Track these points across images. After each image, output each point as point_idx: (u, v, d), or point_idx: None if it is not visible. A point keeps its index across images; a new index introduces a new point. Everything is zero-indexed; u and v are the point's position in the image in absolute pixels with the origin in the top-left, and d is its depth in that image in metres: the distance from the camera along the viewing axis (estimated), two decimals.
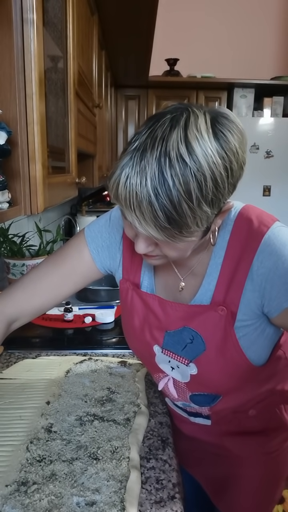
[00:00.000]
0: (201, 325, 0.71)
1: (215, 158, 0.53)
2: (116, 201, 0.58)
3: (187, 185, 0.52)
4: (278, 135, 3.25)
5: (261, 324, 0.70)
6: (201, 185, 0.52)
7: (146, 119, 0.58)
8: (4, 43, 0.74)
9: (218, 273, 0.69)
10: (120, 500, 0.64)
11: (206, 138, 0.53)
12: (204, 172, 0.52)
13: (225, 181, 0.55)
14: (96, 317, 1.41)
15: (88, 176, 1.97)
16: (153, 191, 0.52)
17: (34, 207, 0.83)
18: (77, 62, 1.27)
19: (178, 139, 0.52)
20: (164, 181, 0.51)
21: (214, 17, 3.49)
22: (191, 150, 0.52)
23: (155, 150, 0.52)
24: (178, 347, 0.75)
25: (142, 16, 1.80)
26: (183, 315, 0.72)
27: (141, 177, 0.52)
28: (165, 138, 0.52)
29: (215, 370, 0.73)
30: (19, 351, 1.20)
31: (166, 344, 0.77)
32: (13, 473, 0.70)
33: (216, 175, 0.53)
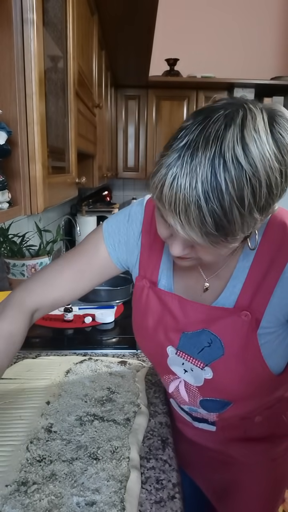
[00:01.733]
0: (222, 329, 0.67)
1: (272, 162, 0.49)
2: (159, 202, 0.53)
3: (241, 191, 0.48)
4: None
5: (283, 332, 0.67)
6: (255, 191, 0.48)
7: (193, 113, 0.53)
8: (4, 43, 0.74)
9: (245, 277, 0.65)
10: (120, 500, 0.64)
11: (264, 139, 0.48)
12: (260, 177, 0.48)
13: (279, 187, 0.51)
14: (96, 317, 1.41)
15: (88, 176, 1.97)
16: (204, 194, 0.47)
17: (34, 207, 0.83)
18: (77, 62, 1.27)
19: (234, 139, 0.47)
20: (217, 185, 0.47)
21: (214, 17, 3.49)
22: (248, 152, 0.47)
23: (209, 150, 0.47)
24: (194, 350, 0.72)
25: (142, 16, 1.80)
26: (204, 317, 0.69)
27: (191, 178, 0.48)
28: (220, 137, 0.47)
29: (232, 376, 0.70)
30: (19, 351, 1.20)
31: (181, 346, 0.73)
32: (13, 473, 0.70)
33: (272, 180, 0.49)
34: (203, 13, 3.48)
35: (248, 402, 0.77)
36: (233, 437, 0.86)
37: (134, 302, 0.82)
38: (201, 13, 3.48)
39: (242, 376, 0.69)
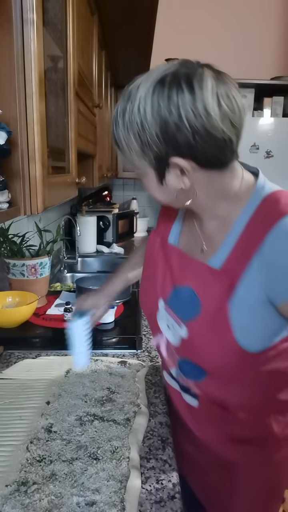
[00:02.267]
0: (202, 287, 0.71)
1: (137, 102, 0.61)
2: None
3: (121, 110, 0.65)
4: (278, 135, 3.25)
5: (261, 311, 0.67)
6: (124, 115, 0.64)
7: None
8: (4, 43, 0.74)
9: (233, 244, 0.69)
10: (120, 500, 0.64)
11: (147, 85, 0.62)
12: (127, 104, 0.63)
13: (152, 134, 0.61)
14: None
15: (88, 176, 1.97)
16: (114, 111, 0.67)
17: (34, 207, 0.83)
18: (77, 62, 1.27)
19: (137, 83, 0.64)
20: (118, 104, 0.66)
21: (214, 17, 3.49)
22: (135, 87, 0.63)
23: (128, 87, 0.66)
24: (177, 306, 0.77)
25: (142, 16, 1.80)
26: (193, 273, 0.74)
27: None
28: (135, 83, 0.64)
29: (203, 339, 0.72)
30: (19, 351, 1.20)
31: (170, 300, 0.79)
32: (13, 473, 0.70)
33: (132, 116, 0.62)
34: (203, 13, 3.48)
35: (223, 380, 0.77)
36: (217, 432, 0.85)
37: (146, 255, 0.89)
38: (201, 13, 3.48)
39: (210, 340, 0.71)
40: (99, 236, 2.88)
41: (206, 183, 0.67)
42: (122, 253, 2.76)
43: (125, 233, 3.19)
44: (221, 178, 0.68)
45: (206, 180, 0.67)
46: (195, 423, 0.88)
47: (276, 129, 3.24)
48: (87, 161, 1.94)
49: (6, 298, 1.41)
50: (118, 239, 3.04)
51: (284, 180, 3.69)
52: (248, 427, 0.83)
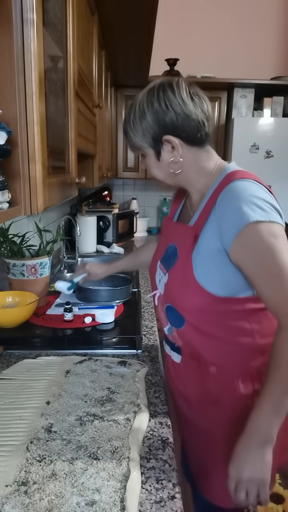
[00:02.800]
0: (181, 241, 0.92)
1: (138, 103, 0.88)
2: None
3: (127, 113, 0.91)
4: (278, 135, 3.25)
5: (217, 257, 0.84)
6: (130, 115, 0.90)
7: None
8: (4, 43, 0.74)
9: (203, 207, 0.90)
10: (120, 500, 0.64)
11: (144, 91, 0.89)
12: (131, 108, 0.91)
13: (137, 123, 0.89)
14: (96, 317, 1.41)
15: (88, 176, 1.97)
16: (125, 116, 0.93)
17: (34, 207, 0.83)
18: (77, 62, 1.27)
19: (137, 95, 0.91)
20: (126, 116, 0.93)
21: (214, 17, 3.49)
22: (137, 96, 0.90)
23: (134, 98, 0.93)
24: (165, 260, 0.98)
25: (142, 16, 1.80)
26: (178, 233, 0.95)
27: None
28: (137, 95, 0.91)
29: (176, 281, 0.91)
30: (19, 351, 1.20)
31: (163, 258, 1.00)
32: (13, 473, 0.70)
33: (135, 113, 0.89)
34: (203, 13, 3.48)
35: (197, 327, 0.90)
36: (193, 386, 0.97)
37: (160, 234, 1.12)
38: (201, 13, 3.48)
39: (181, 282, 0.89)
40: (99, 236, 2.88)
41: (190, 159, 0.90)
42: (122, 253, 2.76)
43: (125, 233, 3.19)
44: (200, 156, 0.91)
45: (190, 156, 0.90)
46: (177, 379, 1.04)
47: (276, 129, 3.24)
48: (87, 161, 1.94)
49: (6, 298, 1.41)
50: (118, 239, 3.04)
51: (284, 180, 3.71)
52: (219, 383, 0.93)
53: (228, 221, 0.81)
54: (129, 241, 3.27)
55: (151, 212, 3.91)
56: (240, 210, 0.79)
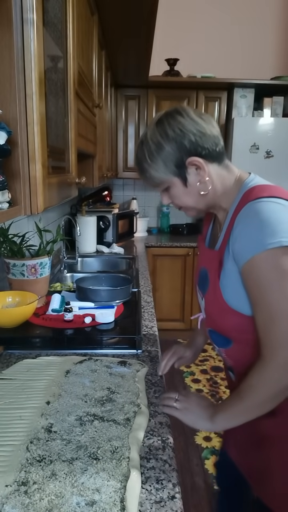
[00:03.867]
0: (209, 266, 0.91)
1: (149, 139, 0.88)
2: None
3: (141, 153, 0.90)
4: (278, 135, 3.25)
5: (239, 278, 0.83)
6: (144, 152, 0.89)
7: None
8: (4, 43, 0.74)
9: (226, 228, 0.88)
10: (120, 500, 0.64)
11: (151, 127, 0.89)
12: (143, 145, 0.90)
13: (157, 153, 0.87)
14: (96, 317, 1.41)
15: (88, 176, 1.97)
16: (135, 160, 0.97)
17: (34, 207, 0.83)
18: (77, 62, 1.27)
19: (143, 134, 0.91)
20: (136, 153, 0.93)
21: (214, 17, 3.49)
22: (144, 134, 0.90)
23: (139, 140, 0.92)
24: (200, 284, 0.98)
25: (142, 16, 1.80)
26: (206, 257, 0.95)
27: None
28: (142, 135, 0.91)
29: (211, 305, 0.91)
30: (19, 351, 1.20)
31: (199, 282, 1.00)
32: (13, 473, 0.70)
33: (150, 148, 0.88)
34: (203, 13, 3.48)
35: (243, 343, 0.88)
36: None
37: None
38: (201, 13, 3.48)
39: (215, 308, 0.89)
40: (99, 236, 2.88)
41: (214, 176, 0.89)
42: (122, 253, 2.76)
43: (125, 233, 3.19)
44: (221, 171, 0.90)
45: (213, 173, 0.89)
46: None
47: (276, 129, 3.25)
48: (87, 161, 1.94)
49: (6, 298, 1.41)
50: (118, 239, 3.04)
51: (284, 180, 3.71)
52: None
53: (239, 249, 0.80)
54: (129, 241, 3.27)
55: (151, 212, 3.91)
56: (248, 240, 0.78)
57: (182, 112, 0.88)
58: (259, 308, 0.78)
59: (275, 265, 0.75)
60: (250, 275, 0.78)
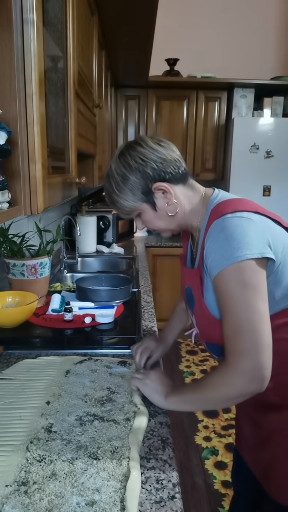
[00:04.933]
0: (193, 284, 0.94)
1: (114, 171, 0.92)
2: None
3: (108, 185, 0.95)
4: (278, 135, 3.25)
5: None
6: (112, 185, 0.93)
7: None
8: (4, 43, 0.74)
9: (200, 247, 0.91)
10: (120, 500, 0.64)
11: (114, 160, 0.94)
12: (110, 178, 0.94)
13: (123, 184, 0.92)
14: (96, 317, 1.41)
15: (88, 176, 1.97)
16: (104, 192, 0.98)
17: (34, 207, 0.83)
18: (77, 62, 1.27)
19: (108, 167, 0.96)
20: (104, 186, 0.97)
21: (214, 17, 3.49)
22: (109, 167, 0.95)
23: (105, 173, 0.97)
24: (188, 302, 1.01)
25: (142, 16, 1.81)
26: (188, 276, 0.98)
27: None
28: (107, 168, 0.96)
29: (201, 321, 0.94)
30: (19, 351, 1.20)
31: (186, 299, 1.03)
32: (13, 473, 0.70)
33: (116, 180, 0.92)
34: (203, 13, 3.48)
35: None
36: (251, 400, 0.90)
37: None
38: (201, 13, 3.48)
39: (205, 323, 0.92)
40: (99, 236, 2.88)
41: (180, 197, 0.94)
42: (122, 253, 2.76)
43: (125, 233, 3.19)
44: (186, 191, 0.95)
45: (179, 194, 0.94)
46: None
47: (276, 129, 3.25)
48: (87, 161, 1.94)
49: (6, 298, 1.41)
50: (118, 239, 3.04)
51: (284, 180, 3.70)
52: (278, 394, 0.92)
53: (210, 264, 0.84)
54: (129, 241, 3.27)
55: None
56: (216, 256, 0.81)
57: (141, 142, 0.92)
58: (225, 319, 0.80)
59: (239, 278, 0.78)
60: (218, 288, 0.82)
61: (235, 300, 0.78)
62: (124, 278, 1.83)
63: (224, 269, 0.79)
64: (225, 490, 1.84)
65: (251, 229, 0.80)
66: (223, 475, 1.93)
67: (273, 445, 0.95)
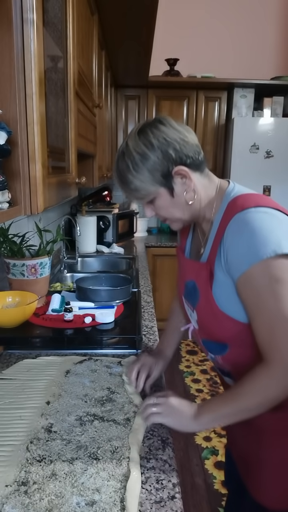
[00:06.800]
0: (198, 278, 0.90)
1: (132, 149, 0.85)
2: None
3: (123, 164, 0.87)
4: (278, 135, 3.25)
5: (232, 286, 0.83)
6: (128, 164, 0.86)
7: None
8: (4, 42, 0.74)
9: (213, 239, 0.87)
10: (120, 500, 0.64)
11: (132, 137, 0.87)
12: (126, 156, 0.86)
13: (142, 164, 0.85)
14: (96, 317, 1.41)
15: (88, 176, 1.97)
16: (115, 173, 0.90)
17: (34, 207, 0.83)
18: (77, 62, 1.27)
19: (123, 145, 0.88)
20: (117, 165, 0.89)
21: (214, 17, 3.49)
22: (124, 145, 0.87)
23: (118, 151, 0.90)
24: (188, 296, 0.96)
25: (142, 16, 1.81)
26: (193, 270, 0.93)
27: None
28: (122, 146, 0.89)
29: (205, 317, 0.90)
30: (19, 351, 1.20)
31: (185, 294, 0.98)
32: (13, 473, 0.70)
33: (135, 158, 0.85)
34: (203, 13, 3.48)
35: (240, 346, 0.87)
36: None
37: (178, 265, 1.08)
38: (201, 13, 3.48)
39: (209, 316, 0.88)
40: (99, 236, 2.88)
41: (198, 185, 0.89)
42: (122, 253, 2.76)
43: (125, 233, 3.19)
44: (203, 181, 0.90)
45: (197, 182, 0.89)
46: None
47: (276, 129, 3.25)
48: (87, 161, 1.94)
49: (6, 298, 1.41)
50: (118, 239, 3.04)
51: (284, 180, 3.70)
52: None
53: (232, 261, 0.80)
54: (129, 241, 3.27)
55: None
56: (242, 252, 0.78)
57: (164, 121, 0.87)
58: (259, 318, 0.78)
59: (270, 275, 0.75)
60: (247, 286, 0.78)
61: (268, 297, 0.75)
62: (124, 278, 1.83)
63: (253, 266, 0.76)
64: (225, 490, 1.84)
65: (277, 225, 0.78)
66: (223, 475, 1.93)
67: (263, 446, 0.93)
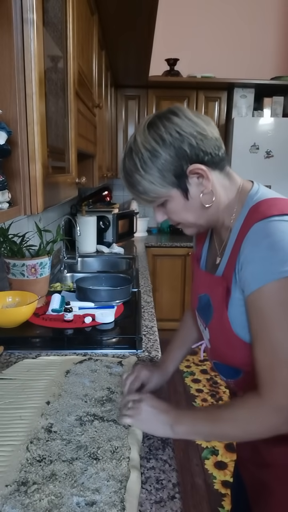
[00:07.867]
0: (212, 293, 0.81)
1: (141, 145, 0.74)
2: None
3: (131, 163, 0.75)
4: (278, 135, 3.25)
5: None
6: (135, 162, 0.74)
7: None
8: (4, 42, 0.74)
9: (230, 252, 0.77)
10: (120, 500, 0.64)
11: (141, 131, 0.76)
12: (133, 154, 0.75)
13: (152, 162, 0.74)
14: (96, 317, 1.41)
15: (88, 176, 1.97)
16: (122, 172, 0.78)
17: (34, 207, 0.83)
18: (77, 62, 1.27)
19: (131, 140, 0.77)
20: (123, 164, 0.77)
21: (214, 17, 3.49)
22: (132, 140, 0.76)
23: (126, 147, 0.78)
24: (201, 311, 0.87)
25: (142, 16, 1.81)
26: (207, 283, 0.84)
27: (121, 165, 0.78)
28: (130, 141, 0.77)
29: (217, 337, 0.81)
30: (19, 351, 1.20)
31: (198, 308, 0.89)
32: (13, 473, 0.70)
33: (143, 156, 0.74)
34: (203, 13, 3.48)
35: (253, 376, 0.76)
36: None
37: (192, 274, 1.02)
38: (201, 13, 3.48)
39: (223, 341, 0.79)
40: (99, 236, 2.88)
41: (217, 185, 0.77)
42: (122, 253, 2.76)
43: (125, 233, 3.19)
44: (223, 180, 0.78)
45: (216, 182, 0.77)
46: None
47: (276, 129, 3.25)
48: (87, 161, 1.94)
49: (6, 298, 1.41)
50: (118, 239, 3.04)
51: (284, 180, 3.70)
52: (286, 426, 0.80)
53: (246, 277, 0.71)
54: (129, 241, 3.27)
55: (151, 212, 3.91)
56: (256, 268, 0.68)
57: (178, 112, 0.74)
58: (260, 344, 0.70)
59: (282, 298, 0.66)
60: (254, 306, 0.70)
61: (274, 323, 0.67)
62: (124, 278, 1.83)
63: (265, 285, 0.66)
64: (225, 490, 1.84)
65: None
66: (223, 475, 1.93)
67: (272, 478, 0.86)
